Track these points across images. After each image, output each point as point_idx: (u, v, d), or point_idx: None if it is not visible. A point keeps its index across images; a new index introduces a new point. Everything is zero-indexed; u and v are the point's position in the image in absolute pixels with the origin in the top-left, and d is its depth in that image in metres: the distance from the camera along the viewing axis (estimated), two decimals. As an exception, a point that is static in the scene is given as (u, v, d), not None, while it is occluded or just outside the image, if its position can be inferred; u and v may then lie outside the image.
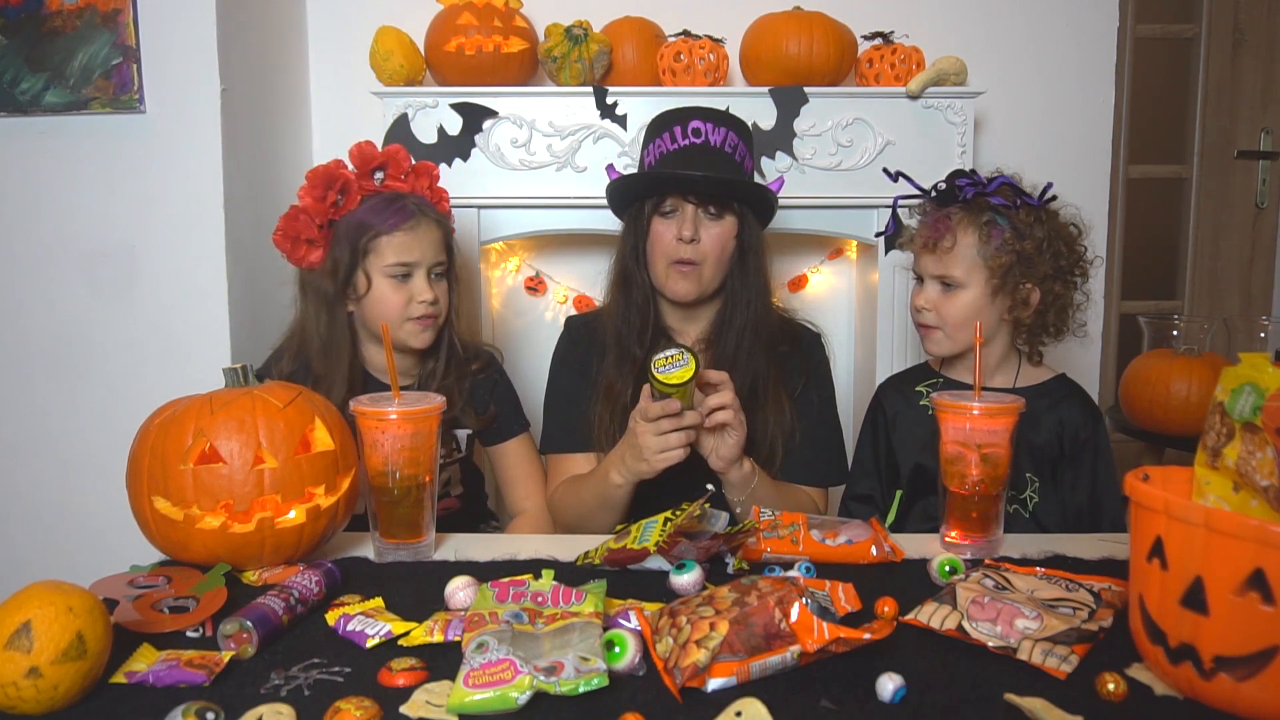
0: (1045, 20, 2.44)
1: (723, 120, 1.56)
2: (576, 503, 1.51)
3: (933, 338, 1.55)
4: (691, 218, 1.53)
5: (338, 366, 1.57)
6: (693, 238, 1.52)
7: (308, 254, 1.56)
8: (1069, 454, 1.52)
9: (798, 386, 1.61)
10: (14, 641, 0.80)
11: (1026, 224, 1.48)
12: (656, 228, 1.55)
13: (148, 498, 1.14)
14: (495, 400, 1.70)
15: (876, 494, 1.60)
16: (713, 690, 0.85)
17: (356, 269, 1.55)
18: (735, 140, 1.56)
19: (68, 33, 1.92)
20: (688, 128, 1.54)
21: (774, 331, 1.61)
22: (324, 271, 1.56)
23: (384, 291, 1.55)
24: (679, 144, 1.53)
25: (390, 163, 1.61)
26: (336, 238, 1.55)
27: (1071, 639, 0.92)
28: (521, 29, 2.13)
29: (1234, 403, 0.88)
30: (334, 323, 1.58)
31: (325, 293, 1.56)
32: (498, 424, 1.71)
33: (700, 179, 1.51)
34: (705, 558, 1.16)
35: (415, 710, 0.83)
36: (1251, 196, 2.79)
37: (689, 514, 1.13)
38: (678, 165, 1.52)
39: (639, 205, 1.58)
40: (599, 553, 1.18)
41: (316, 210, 1.54)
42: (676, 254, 1.53)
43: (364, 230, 1.54)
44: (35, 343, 2.03)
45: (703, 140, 1.53)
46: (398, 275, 1.55)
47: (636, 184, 1.57)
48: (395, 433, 1.17)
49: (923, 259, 1.54)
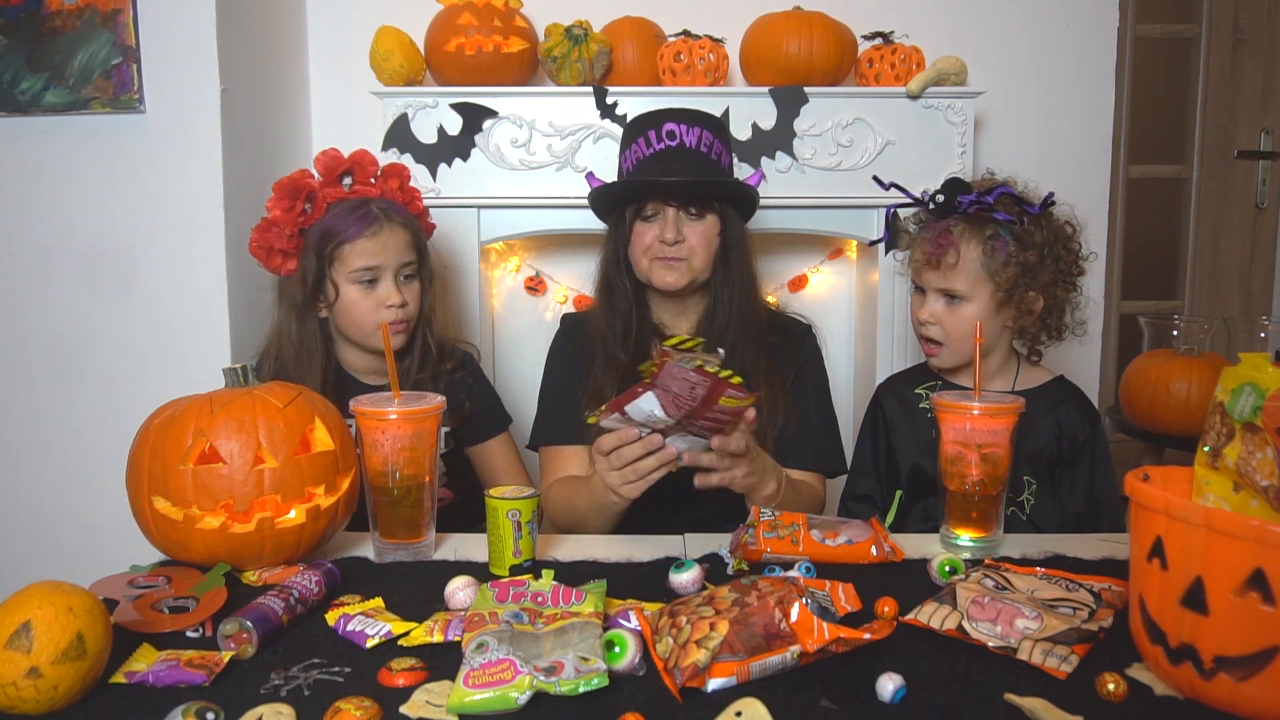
0: (1045, 20, 2.44)
1: (696, 120, 1.56)
2: (570, 507, 1.51)
3: (938, 354, 1.55)
4: (673, 220, 1.53)
5: (310, 372, 1.59)
6: (676, 239, 1.53)
7: (283, 263, 1.59)
8: (1067, 456, 1.51)
9: (789, 377, 1.61)
10: (14, 641, 0.80)
11: (1028, 233, 1.47)
12: (638, 230, 1.56)
13: (148, 498, 1.14)
14: (472, 399, 1.71)
15: (876, 494, 1.60)
16: (713, 690, 0.85)
17: (324, 277, 1.57)
18: (710, 138, 1.56)
19: (68, 33, 1.92)
20: (662, 131, 1.54)
21: (762, 324, 1.61)
22: (295, 280, 1.59)
23: (353, 297, 1.57)
24: (654, 148, 1.54)
25: (357, 167, 1.63)
26: (305, 247, 1.58)
27: (1071, 639, 0.92)
28: (521, 29, 2.13)
29: (1234, 403, 0.88)
30: (304, 330, 1.61)
31: (296, 301, 1.60)
32: (477, 423, 1.72)
33: (677, 184, 1.52)
34: (682, 410, 1.11)
35: (415, 710, 0.83)
36: (1251, 196, 2.79)
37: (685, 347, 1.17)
38: (655, 170, 1.53)
39: (619, 211, 1.58)
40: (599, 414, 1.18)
41: (286, 220, 1.56)
42: (660, 252, 1.54)
43: (329, 238, 1.56)
44: (35, 343, 2.03)
45: (678, 143, 1.53)
46: (364, 280, 1.57)
47: (615, 192, 1.58)
48: (395, 433, 1.17)
49: (926, 274, 1.53)
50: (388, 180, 1.65)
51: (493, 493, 1.18)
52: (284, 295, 1.63)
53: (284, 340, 1.62)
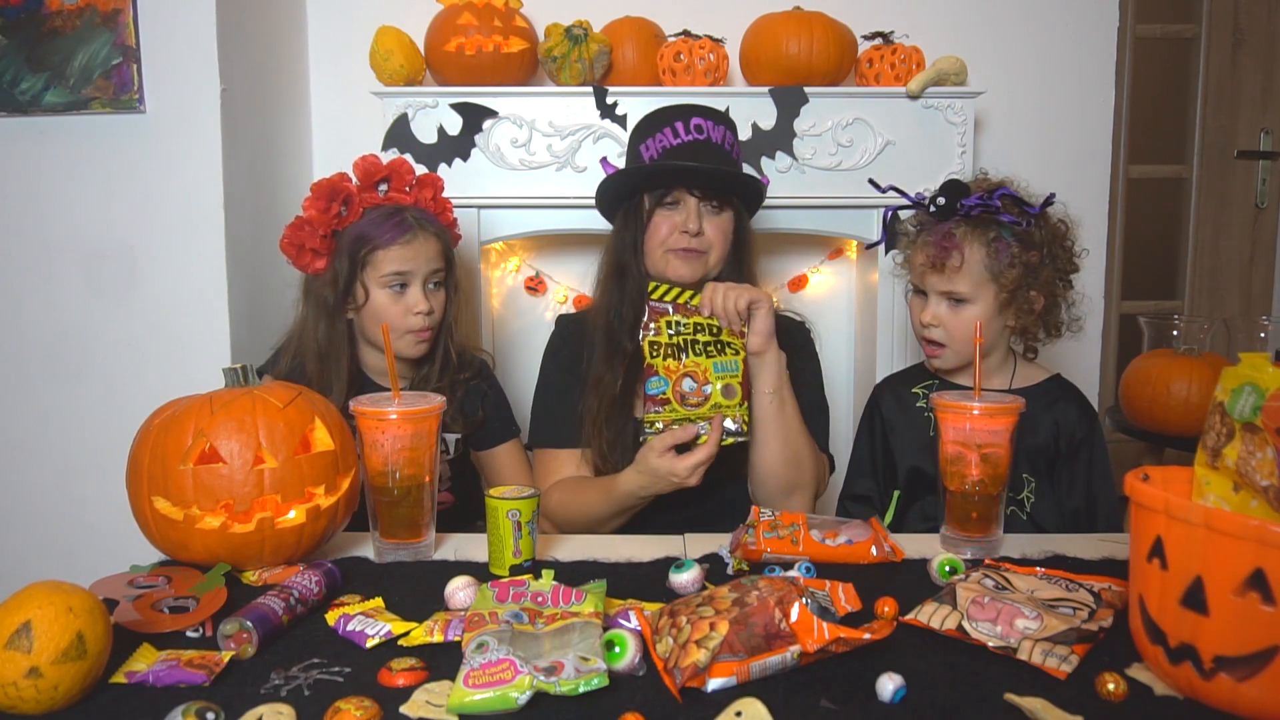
0: (1045, 20, 2.44)
1: (720, 119, 1.59)
2: (579, 509, 1.51)
3: (940, 355, 1.55)
4: (695, 210, 1.54)
5: (336, 372, 1.61)
6: (699, 230, 1.53)
7: (312, 261, 1.61)
8: (1065, 454, 1.52)
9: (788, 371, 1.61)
10: (14, 641, 0.80)
11: (1030, 233, 1.47)
12: (658, 218, 1.56)
13: (148, 498, 1.14)
14: (486, 407, 1.73)
15: (874, 494, 1.60)
16: (713, 690, 0.85)
17: (355, 280, 1.59)
18: (731, 139, 1.60)
19: (68, 33, 1.92)
20: (690, 123, 1.55)
21: None
22: (325, 281, 1.61)
23: (382, 302, 1.59)
24: (683, 139, 1.54)
25: (394, 175, 1.65)
26: (338, 249, 1.60)
27: (1071, 639, 0.92)
28: (521, 29, 2.13)
29: (1234, 403, 0.88)
30: (333, 331, 1.62)
31: (326, 301, 1.61)
32: (488, 430, 1.74)
33: (713, 171, 1.54)
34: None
35: (415, 710, 0.83)
36: (1251, 196, 2.79)
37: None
38: (684, 159, 1.53)
39: (637, 198, 1.58)
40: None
41: (320, 221, 1.58)
42: (678, 243, 1.54)
43: (362, 243, 1.58)
44: (35, 343, 2.03)
45: (705, 137, 1.55)
46: (394, 286, 1.58)
47: (645, 175, 1.57)
48: (395, 433, 1.17)
49: (929, 277, 1.53)
50: (423, 189, 1.67)
51: (493, 493, 1.18)
52: (310, 294, 1.65)
53: (307, 338, 1.64)
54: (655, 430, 1.38)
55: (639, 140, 1.60)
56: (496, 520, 1.17)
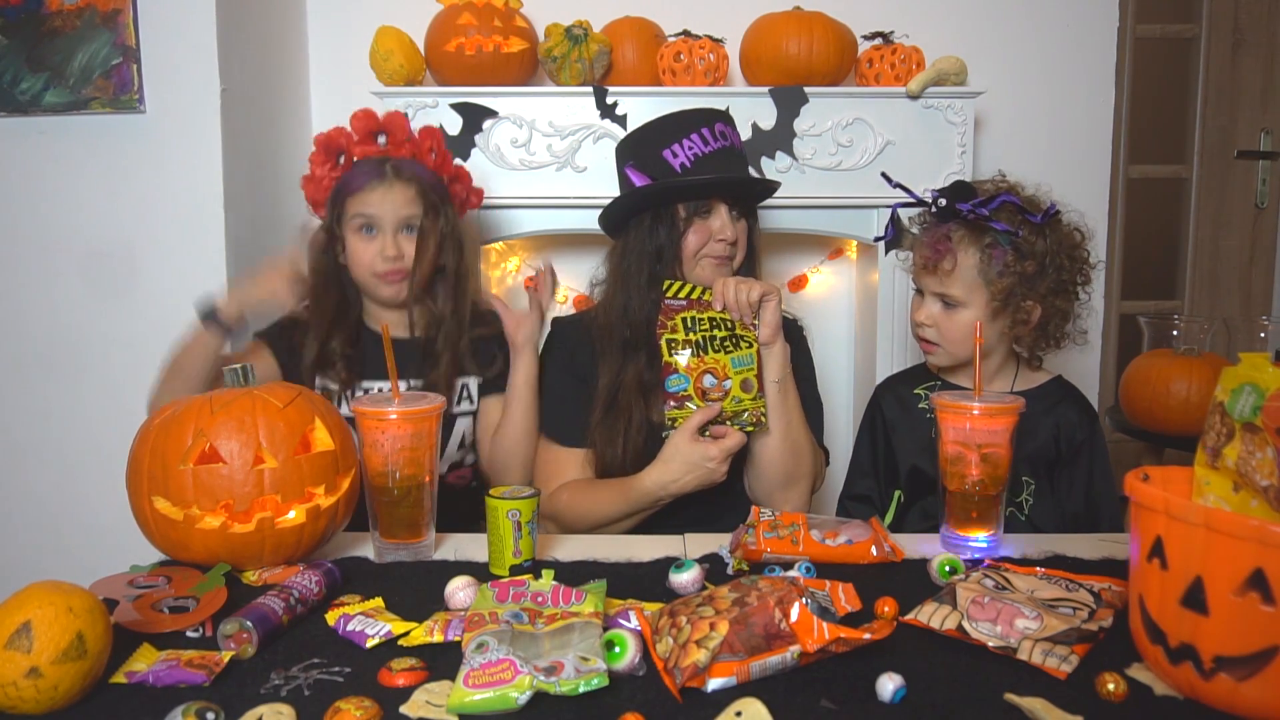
0: (1045, 20, 2.44)
1: (732, 123, 1.62)
2: (593, 507, 1.50)
3: (934, 353, 1.55)
4: (728, 219, 1.56)
5: (319, 311, 1.63)
6: (735, 238, 1.56)
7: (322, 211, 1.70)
8: (1065, 456, 1.51)
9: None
10: (14, 641, 0.80)
11: (1029, 243, 1.44)
12: (695, 227, 1.56)
13: (148, 498, 1.14)
14: (502, 354, 1.70)
15: (874, 494, 1.60)
16: (713, 690, 0.85)
17: (334, 229, 1.64)
18: (742, 143, 1.63)
19: (68, 33, 1.92)
20: (715, 129, 1.56)
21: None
22: (321, 228, 1.67)
23: (355, 246, 1.62)
24: (712, 146, 1.55)
25: (391, 129, 1.70)
26: (329, 199, 1.67)
27: (1071, 639, 0.92)
28: (521, 29, 2.13)
29: (1234, 403, 0.88)
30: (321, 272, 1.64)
31: (318, 249, 1.65)
32: (500, 376, 1.70)
33: (758, 182, 1.60)
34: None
35: (415, 710, 0.83)
36: (1251, 196, 2.79)
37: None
38: (718, 166, 1.55)
39: (672, 206, 1.56)
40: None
41: (322, 174, 1.68)
42: (714, 251, 1.56)
43: (340, 192, 1.64)
44: (35, 343, 2.03)
45: (729, 143, 1.58)
46: (361, 229, 1.61)
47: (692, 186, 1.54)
48: (395, 433, 1.17)
49: (924, 277, 1.53)
50: (421, 142, 1.70)
51: (493, 493, 1.18)
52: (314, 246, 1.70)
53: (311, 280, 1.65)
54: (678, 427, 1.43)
55: (662, 146, 1.56)
56: (496, 520, 1.17)
